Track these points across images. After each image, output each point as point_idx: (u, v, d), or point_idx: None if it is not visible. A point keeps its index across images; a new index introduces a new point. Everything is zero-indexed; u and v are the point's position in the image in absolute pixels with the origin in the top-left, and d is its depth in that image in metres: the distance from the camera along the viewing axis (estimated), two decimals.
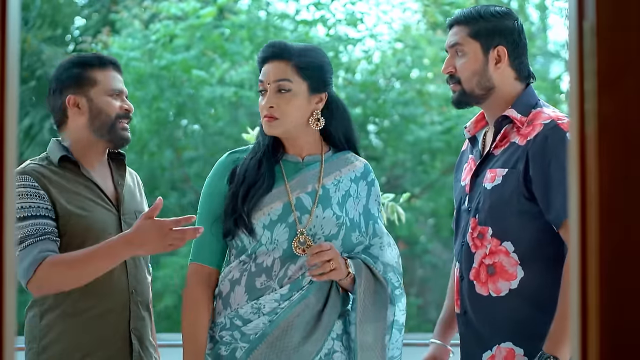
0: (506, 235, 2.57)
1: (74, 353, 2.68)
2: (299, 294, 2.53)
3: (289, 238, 2.56)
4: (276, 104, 2.57)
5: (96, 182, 2.78)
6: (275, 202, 2.57)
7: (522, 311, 2.55)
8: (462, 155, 2.87)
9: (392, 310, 2.63)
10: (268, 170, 2.60)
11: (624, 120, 1.26)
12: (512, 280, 2.56)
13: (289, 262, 2.55)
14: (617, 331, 1.24)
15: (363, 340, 2.55)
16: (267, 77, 2.61)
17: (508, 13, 2.68)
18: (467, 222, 2.66)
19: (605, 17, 1.27)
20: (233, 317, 2.55)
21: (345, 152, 2.70)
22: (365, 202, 2.67)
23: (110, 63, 2.84)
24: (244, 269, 2.57)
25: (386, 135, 11.09)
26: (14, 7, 1.29)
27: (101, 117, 2.77)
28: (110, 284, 2.71)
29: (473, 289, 2.63)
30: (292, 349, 2.50)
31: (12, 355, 1.30)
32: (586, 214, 1.27)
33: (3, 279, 1.26)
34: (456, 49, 2.67)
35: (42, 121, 11.40)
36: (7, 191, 1.27)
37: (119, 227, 2.75)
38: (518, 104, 2.64)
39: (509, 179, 2.57)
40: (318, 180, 2.62)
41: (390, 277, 2.63)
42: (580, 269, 1.27)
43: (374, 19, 14.89)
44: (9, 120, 1.27)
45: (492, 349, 2.59)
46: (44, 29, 11.77)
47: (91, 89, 2.79)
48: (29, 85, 11.58)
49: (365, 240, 2.64)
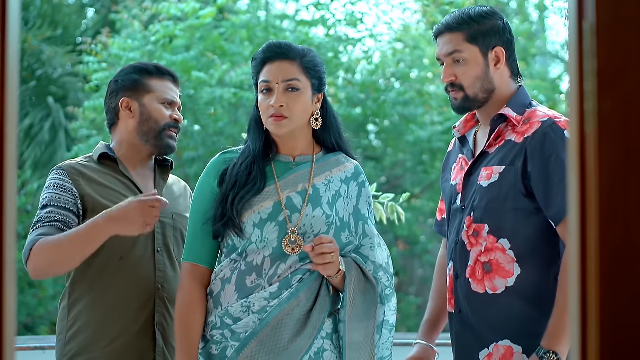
0: (503, 232, 2.57)
1: (97, 342, 2.75)
2: (288, 293, 2.53)
3: (279, 237, 2.57)
4: (286, 102, 2.58)
5: (133, 180, 2.88)
6: (265, 201, 2.58)
7: (519, 309, 2.55)
8: (450, 156, 2.88)
9: (382, 310, 2.63)
10: (260, 172, 2.61)
11: (624, 120, 1.26)
12: (508, 277, 2.57)
13: (279, 260, 2.56)
14: (616, 330, 1.24)
15: (351, 338, 2.56)
16: (274, 76, 2.60)
17: (495, 12, 2.68)
18: (461, 221, 2.66)
19: (605, 17, 1.27)
20: (223, 315, 2.56)
21: (336, 153, 2.72)
22: (356, 203, 2.68)
23: (168, 74, 2.97)
24: (234, 267, 2.59)
25: (386, 135, 11.08)
26: (14, 7, 1.29)
27: (150, 123, 2.90)
28: (134, 277, 2.79)
29: (469, 287, 2.63)
30: (282, 347, 2.51)
31: (12, 355, 1.30)
32: (586, 213, 1.27)
33: (3, 278, 1.26)
34: (454, 57, 2.65)
35: (42, 121, 11.40)
36: (8, 191, 1.27)
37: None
38: (513, 103, 2.64)
39: (506, 176, 2.58)
40: (309, 180, 2.63)
41: (381, 276, 2.63)
42: (580, 269, 1.27)
43: (374, 19, 14.90)
44: (9, 120, 1.27)
45: (490, 347, 2.59)
46: (44, 29, 11.77)
47: (146, 95, 2.92)
48: (29, 85, 11.58)
49: (355, 240, 2.65)
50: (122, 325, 2.76)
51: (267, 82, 2.61)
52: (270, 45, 2.64)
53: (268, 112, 2.60)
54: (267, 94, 2.61)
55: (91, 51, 9.96)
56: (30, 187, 10.75)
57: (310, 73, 2.62)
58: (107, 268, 2.78)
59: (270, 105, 2.59)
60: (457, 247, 2.67)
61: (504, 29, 2.66)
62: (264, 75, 2.63)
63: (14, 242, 1.29)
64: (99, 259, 2.77)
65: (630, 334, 1.24)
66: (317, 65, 2.64)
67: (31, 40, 11.37)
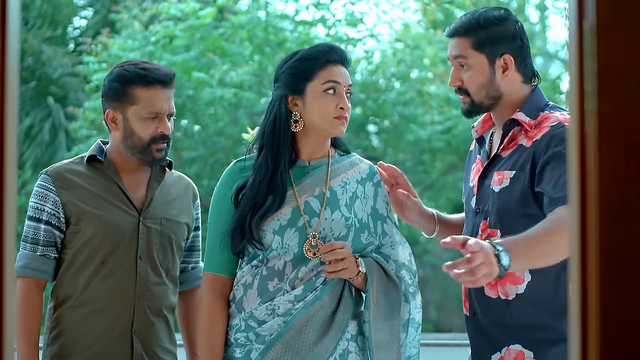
0: None
1: (75, 346, 2.74)
2: (313, 295, 2.54)
3: (299, 242, 2.57)
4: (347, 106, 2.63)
5: (119, 185, 2.81)
6: (284, 208, 2.58)
7: (531, 315, 2.53)
8: (471, 155, 2.84)
9: (406, 308, 2.64)
10: (281, 187, 2.58)
11: (624, 120, 1.26)
12: (519, 284, 2.54)
13: (300, 264, 2.56)
14: (617, 331, 1.24)
15: (377, 337, 2.56)
16: (344, 79, 2.62)
17: (507, 16, 2.61)
18: (476, 224, 2.64)
19: (605, 17, 1.27)
20: (248, 318, 2.57)
21: (350, 155, 2.73)
22: (373, 203, 2.69)
23: (156, 81, 2.75)
24: (255, 272, 2.59)
25: (386, 135, 11.09)
26: (14, 7, 1.29)
27: (133, 139, 2.77)
28: (114, 283, 2.75)
29: (482, 292, 2.61)
30: (307, 349, 2.51)
31: (11, 355, 1.30)
32: (586, 213, 1.27)
33: (3, 278, 1.26)
34: (460, 62, 2.61)
35: (42, 121, 11.41)
36: (7, 191, 1.27)
37: (136, 229, 2.78)
38: (526, 107, 2.60)
39: (516, 182, 2.55)
40: (325, 183, 2.63)
41: (403, 275, 2.64)
42: (580, 269, 1.27)
43: (374, 18, 14.89)
44: (9, 120, 1.27)
45: (502, 351, 2.57)
46: (44, 29, 11.78)
47: (129, 107, 2.76)
48: (29, 85, 11.59)
49: (376, 240, 2.66)
50: (100, 330, 2.74)
51: (338, 83, 2.61)
52: (336, 48, 2.65)
53: (335, 113, 2.59)
54: (333, 95, 2.60)
55: (91, 51, 9.96)
56: (30, 187, 10.76)
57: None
58: (87, 271, 2.75)
59: (340, 107, 2.59)
60: None
61: (515, 35, 2.60)
62: (333, 76, 2.60)
63: (13, 242, 1.29)
64: (80, 260, 2.76)
65: (631, 337, 1.24)
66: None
67: (31, 40, 11.37)
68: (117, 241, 2.75)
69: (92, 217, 2.75)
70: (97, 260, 2.75)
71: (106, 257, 2.75)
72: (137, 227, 2.78)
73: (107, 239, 2.75)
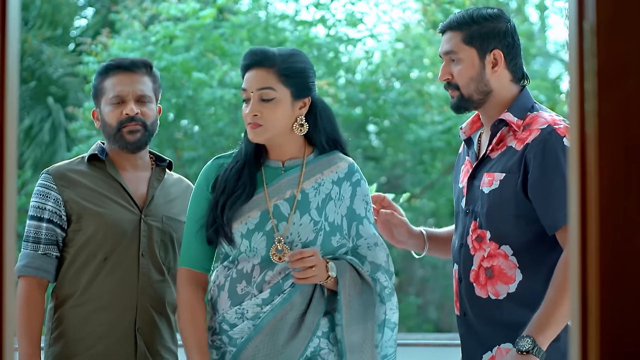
0: (504, 238, 2.57)
1: (78, 345, 2.74)
2: (281, 298, 2.54)
3: (267, 245, 2.57)
4: (260, 111, 2.55)
5: (120, 182, 2.83)
6: (253, 211, 2.58)
7: (522, 315, 2.53)
8: (460, 157, 2.87)
9: (382, 309, 2.63)
10: (249, 178, 2.60)
11: (624, 120, 1.26)
12: (510, 283, 2.56)
13: (267, 268, 2.57)
14: (617, 331, 1.24)
15: (350, 341, 2.56)
16: (249, 85, 2.58)
17: (500, 14, 2.65)
18: (466, 224, 2.66)
19: (605, 17, 1.27)
20: (221, 321, 2.59)
21: (330, 153, 2.68)
22: (350, 203, 2.66)
23: (115, 67, 2.83)
24: (227, 274, 2.61)
25: (386, 135, 11.08)
26: (14, 7, 1.29)
27: (106, 128, 2.84)
28: (116, 281, 2.76)
29: (472, 292, 2.62)
30: (278, 351, 2.52)
31: (11, 355, 1.30)
32: (586, 214, 1.27)
33: (3, 278, 1.26)
34: (451, 57, 2.64)
35: (42, 121, 11.40)
36: (7, 191, 1.27)
37: (138, 226, 2.79)
38: (514, 107, 2.62)
39: (506, 184, 2.57)
40: (297, 185, 2.61)
41: (379, 276, 2.63)
42: (580, 270, 1.27)
43: (374, 19, 14.90)
44: (9, 120, 1.27)
45: (493, 350, 2.59)
46: (44, 29, 11.77)
47: (101, 99, 2.86)
48: (29, 85, 11.58)
49: (348, 242, 2.64)
50: (102, 329, 2.74)
51: (244, 90, 2.59)
52: (248, 51, 2.61)
53: (246, 120, 2.59)
54: (247, 102, 2.60)
55: (91, 51, 9.96)
56: (30, 187, 10.75)
57: (288, 80, 2.56)
58: (89, 269, 2.76)
59: (246, 113, 2.58)
60: (461, 250, 2.67)
61: (506, 33, 2.63)
62: (243, 83, 2.61)
63: (13, 242, 1.29)
64: (81, 258, 2.76)
65: (631, 339, 1.24)
66: (298, 71, 2.58)
67: (31, 40, 11.37)
68: (119, 238, 2.76)
69: (94, 215, 2.76)
70: (99, 258, 2.75)
71: (108, 254, 2.76)
72: (139, 225, 2.79)
73: (108, 236, 2.75)
